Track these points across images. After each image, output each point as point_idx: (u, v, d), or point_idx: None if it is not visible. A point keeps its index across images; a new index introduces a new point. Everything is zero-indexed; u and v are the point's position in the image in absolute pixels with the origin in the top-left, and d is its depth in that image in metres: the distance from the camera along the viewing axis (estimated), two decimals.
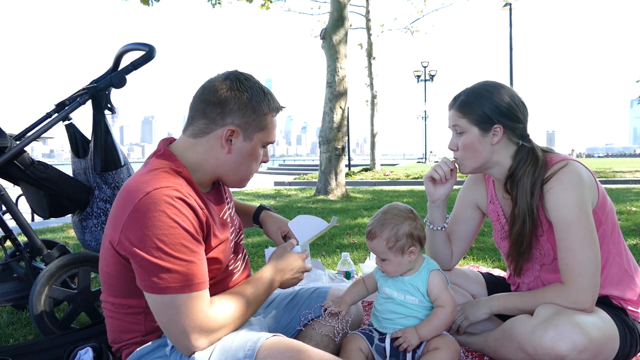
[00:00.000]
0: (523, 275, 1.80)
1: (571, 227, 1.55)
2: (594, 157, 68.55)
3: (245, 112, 1.34)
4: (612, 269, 1.67)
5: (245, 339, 1.24)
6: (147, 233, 1.17)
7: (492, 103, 1.65)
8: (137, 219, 1.18)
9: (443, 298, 1.59)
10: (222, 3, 11.52)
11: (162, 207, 1.18)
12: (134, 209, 1.19)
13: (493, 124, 1.64)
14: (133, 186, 1.24)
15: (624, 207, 6.16)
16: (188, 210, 1.22)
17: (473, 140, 1.67)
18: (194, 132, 1.36)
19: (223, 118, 1.33)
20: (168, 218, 1.18)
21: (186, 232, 1.20)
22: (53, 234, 5.06)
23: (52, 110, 2.30)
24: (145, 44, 2.23)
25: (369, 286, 1.74)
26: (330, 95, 8.43)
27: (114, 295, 1.34)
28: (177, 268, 1.18)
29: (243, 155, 1.38)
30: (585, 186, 1.58)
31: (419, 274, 1.62)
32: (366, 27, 16.39)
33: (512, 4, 16.26)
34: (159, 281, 1.17)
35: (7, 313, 2.52)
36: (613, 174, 13.75)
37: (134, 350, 1.34)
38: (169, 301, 1.19)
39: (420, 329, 1.57)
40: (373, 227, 1.61)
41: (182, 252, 1.19)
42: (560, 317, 1.49)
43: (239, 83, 1.35)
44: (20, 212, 2.16)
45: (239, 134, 1.35)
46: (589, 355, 1.44)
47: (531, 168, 1.63)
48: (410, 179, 13.54)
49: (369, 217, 5.79)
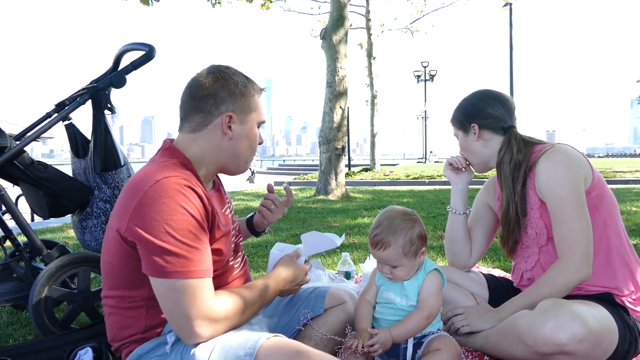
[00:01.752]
0: (526, 262, 1.86)
1: (564, 201, 1.65)
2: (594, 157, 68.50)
3: (235, 97, 1.41)
4: (615, 259, 1.69)
5: (245, 338, 1.24)
6: (156, 218, 1.20)
7: (464, 108, 1.92)
8: (146, 205, 1.21)
9: (425, 302, 1.58)
10: (222, 3, 11.53)
11: (171, 194, 1.22)
12: (144, 196, 1.22)
13: (469, 124, 1.88)
14: (142, 177, 1.28)
15: (624, 207, 6.17)
16: (196, 198, 1.26)
17: (463, 142, 1.93)
18: (192, 128, 1.41)
19: (217, 107, 1.39)
20: (177, 205, 1.21)
21: (194, 219, 1.24)
22: (53, 234, 5.05)
23: (52, 110, 2.30)
24: (145, 44, 2.22)
25: (372, 299, 1.70)
26: (330, 95, 8.43)
27: (115, 287, 1.35)
28: (184, 253, 1.21)
29: (243, 138, 1.44)
30: (573, 163, 1.67)
31: (417, 277, 1.61)
32: (366, 27, 16.38)
33: (512, 4, 16.26)
34: (165, 265, 1.19)
35: (7, 313, 2.52)
36: (613, 174, 13.75)
37: (133, 349, 1.34)
38: (174, 286, 1.20)
39: (393, 331, 1.56)
40: (384, 236, 1.57)
41: (190, 238, 1.22)
42: (560, 308, 1.50)
43: (221, 73, 1.42)
44: (20, 212, 2.16)
45: (236, 119, 1.41)
46: (588, 346, 1.45)
47: (508, 154, 1.79)
48: (410, 179, 13.53)
49: (369, 217, 5.80)
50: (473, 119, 1.87)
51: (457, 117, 1.93)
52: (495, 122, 1.85)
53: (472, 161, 1.94)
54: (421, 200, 7.79)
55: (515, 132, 1.84)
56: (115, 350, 1.40)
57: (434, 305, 1.58)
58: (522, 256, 1.88)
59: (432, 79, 28.05)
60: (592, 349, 1.47)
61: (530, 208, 1.77)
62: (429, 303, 1.58)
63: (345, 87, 8.45)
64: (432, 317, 1.59)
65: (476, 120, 1.86)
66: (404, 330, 1.56)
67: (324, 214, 6.27)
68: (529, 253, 1.84)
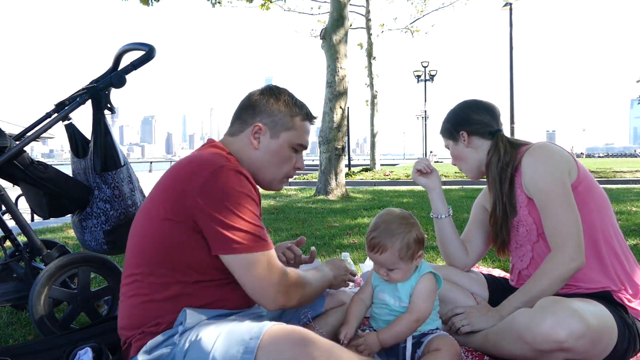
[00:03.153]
0: (521, 260, 1.88)
1: (550, 194, 1.69)
2: (594, 157, 68.44)
3: (272, 111, 1.51)
4: (608, 257, 1.70)
5: (251, 325, 1.27)
6: (222, 199, 1.30)
7: (451, 117, 1.99)
8: (213, 187, 1.30)
9: (415, 305, 1.58)
10: (222, 3, 11.53)
11: (233, 179, 1.32)
12: (209, 178, 1.30)
13: (458, 132, 1.94)
14: (204, 158, 1.37)
15: (624, 207, 6.16)
16: (252, 187, 1.38)
17: (454, 151, 1.99)
18: (231, 132, 1.55)
19: (253, 118, 1.52)
20: (239, 187, 1.33)
21: (254, 202, 1.36)
22: (53, 234, 5.05)
23: (51, 110, 2.30)
24: (145, 44, 2.22)
25: (366, 299, 1.70)
26: (330, 95, 8.43)
27: (151, 272, 1.36)
28: (251, 231, 1.32)
29: (270, 152, 1.52)
30: (555, 158, 1.72)
31: (410, 280, 1.61)
32: (366, 27, 16.38)
33: (512, 4, 16.25)
34: (240, 240, 1.30)
35: (6, 313, 2.52)
36: (613, 174, 13.75)
37: (145, 342, 1.34)
38: (249, 259, 1.31)
39: (381, 335, 1.56)
40: (380, 239, 1.56)
41: (254, 219, 1.34)
42: (559, 305, 1.50)
43: (271, 90, 1.55)
44: (20, 212, 2.16)
45: (266, 131, 1.51)
46: (587, 342, 1.46)
47: (496, 156, 1.85)
48: (410, 179, 13.47)
49: (368, 217, 5.80)
50: (461, 126, 1.94)
51: (445, 127, 2.00)
52: (483, 128, 1.91)
53: (466, 169, 1.99)
54: (421, 200, 7.79)
55: (502, 135, 1.90)
56: (123, 342, 1.40)
57: (423, 308, 1.57)
58: (518, 255, 1.90)
59: (432, 79, 28.03)
60: (591, 346, 1.47)
61: (519, 206, 1.81)
62: (418, 306, 1.57)
63: (345, 87, 8.45)
64: (422, 321, 1.58)
65: (464, 127, 1.93)
66: (391, 334, 1.56)
67: (324, 214, 6.27)
68: (523, 252, 1.87)
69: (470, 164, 1.96)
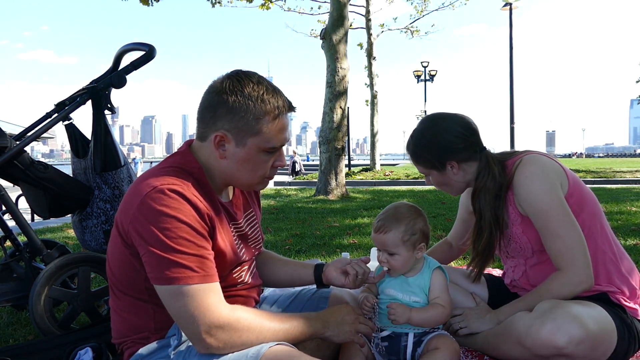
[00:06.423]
0: (513, 271, 1.88)
1: (549, 213, 1.61)
2: (594, 157, 68.40)
3: (233, 116, 1.27)
4: (606, 264, 1.69)
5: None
6: (150, 226, 1.17)
7: (434, 149, 1.74)
8: (143, 212, 1.19)
9: (444, 298, 1.59)
10: (222, 3, 11.53)
11: (164, 202, 1.18)
12: (141, 202, 1.19)
13: (445, 163, 1.74)
14: (143, 181, 1.25)
15: (624, 207, 6.16)
16: (185, 205, 1.20)
17: (438, 179, 1.80)
18: (198, 136, 1.35)
19: (214, 122, 1.29)
20: (168, 211, 1.18)
21: (189, 227, 1.19)
22: (53, 234, 5.05)
23: (52, 110, 2.30)
24: (145, 44, 2.23)
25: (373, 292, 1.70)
26: (330, 95, 8.43)
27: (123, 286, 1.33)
28: (179, 260, 1.17)
29: (239, 161, 1.31)
30: (547, 173, 1.65)
31: (422, 274, 1.62)
32: (366, 27, 16.38)
33: (512, 4, 16.25)
34: (166, 272, 1.17)
35: (7, 313, 2.52)
36: (613, 174, 13.75)
37: (136, 350, 1.33)
38: (178, 292, 1.17)
39: (414, 313, 1.56)
40: (386, 220, 1.60)
41: (184, 245, 1.18)
42: (558, 310, 1.49)
43: (232, 85, 1.28)
44: (20, 212, 2.16)
45: (230, 140, 1.29)
46: (587, 348, 1.45)
47: (491, 180, 1.71)
48: (410, 179, 13.53)
49: (369, 217, 5.79)
50: (447, 157, 1.73)
51: (425, 158, 1.78)
52: (472, 152, 1.74)
53: (450, 191, 1.84)
54: (421, 200, 7.79)
55: (490, 154, 1.76)
56: (117, 347, 1.39)
57: (450, 302, 1.61)
58: (509, 265, 1.90)
59: (432, 79, 28.01)
60: (591, 351, 1.47)
61: (511, 224, 1.75)
62: (448, 299, 1.60)
63: (345, 87, 8.45)
64: (450, 315, 1.63)
65: (452, 157, 1.73)
66: (422, 317, 1.56)
67: (324, 214, 6.27)
68: (515, 263, 1.85)
69: (457, 187, 1.82)
